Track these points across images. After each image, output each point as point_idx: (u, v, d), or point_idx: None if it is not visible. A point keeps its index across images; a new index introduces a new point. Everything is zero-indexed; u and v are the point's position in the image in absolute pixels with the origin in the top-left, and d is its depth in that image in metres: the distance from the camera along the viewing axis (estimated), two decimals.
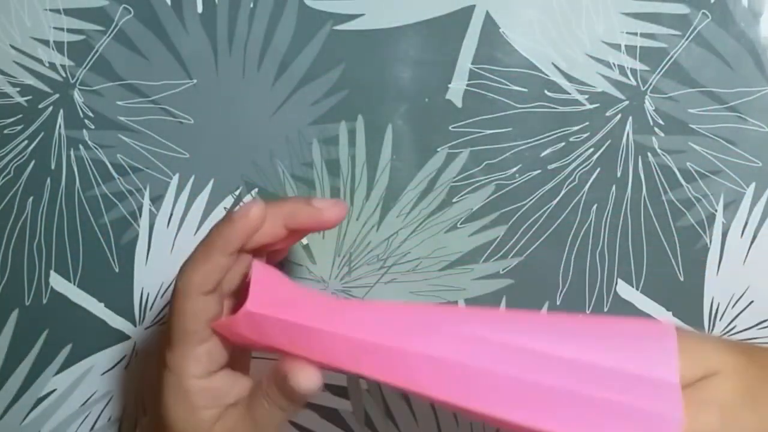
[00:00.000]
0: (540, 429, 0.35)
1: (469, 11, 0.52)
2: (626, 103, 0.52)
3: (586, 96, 0.52)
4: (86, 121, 0.55)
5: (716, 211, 0.52)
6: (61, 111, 0.55)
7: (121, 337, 0.56)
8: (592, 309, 0.53)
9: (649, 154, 0.52)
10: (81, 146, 0.55)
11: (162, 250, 0.56)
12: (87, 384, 0.57)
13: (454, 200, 0.53)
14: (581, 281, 0.53)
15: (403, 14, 0.52)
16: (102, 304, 0.56)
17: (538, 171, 0.53)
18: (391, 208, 0.54)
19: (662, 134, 0.52)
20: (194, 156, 0.55)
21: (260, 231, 0.41)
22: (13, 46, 0.55)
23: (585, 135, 0.52)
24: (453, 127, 0.53)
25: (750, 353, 0.36)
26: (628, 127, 0.52)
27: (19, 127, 0.55)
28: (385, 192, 0.54)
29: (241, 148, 0.54)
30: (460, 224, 0.53)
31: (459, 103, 0.53)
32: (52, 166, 0.56)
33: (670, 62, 0.51)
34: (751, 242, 0.52)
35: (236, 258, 0.41)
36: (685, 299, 0.52)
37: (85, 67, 0.55)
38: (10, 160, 0.56)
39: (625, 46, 0.51)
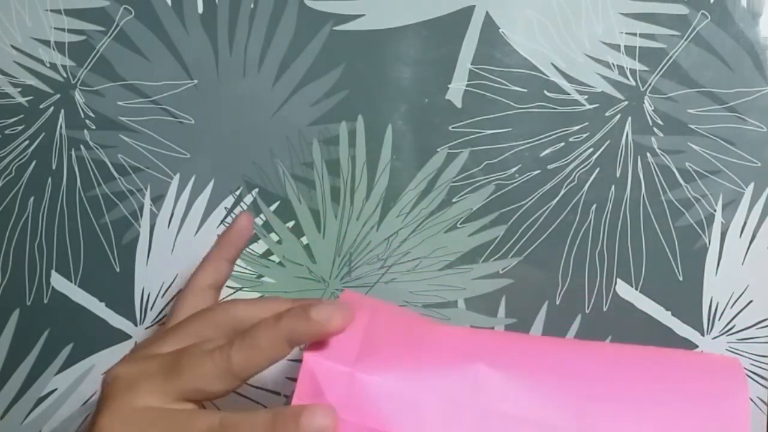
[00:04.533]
0: None
1: (469, 11, 0.52)
2: (625, 103, 0.52)
3: (586, 96, 0.52)
4: (87, 121, 0.55)
5: (715, 211, 0.52)
6: (62, 111, 0.55)
7: (121, 336, 0.56)
8: (591, 308, 0.53)
9: (648, 154, 0.52)
10: (82, 146, 0.55)
11: (163, 250, 0.56)
12: (88, 383, 0.57)
13: (454, 200, 0.54)
14: (581, 281, 0.53)
15: (403, 14, 0.52)
16: (103, 304, 0.56)
17: (538, 171, 0.53)
18: (391, 208, 0.54)
19: (661, 134, 0.52)
20: (195, 156, 0.55)
21: (267, 357, 0.38)
22: (14, 47, 0.55)
23: (584, 135, 0.52)
24: (453, 127, 0.53)
25: None
26: (628, 128, 0.52)
27: (21, 128, 0.56)
28: (385, 192, 0.54)
29: (241, 148, 0.54)
30: (460, 224, 0.54)
31: (459, 103, 0.53)
32: (53, 167, 0.56)
33: (669, 62, 0.51)
34: (750, 242, 0.52)
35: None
36: (684, 299, 0.52)
37: (86, 68, 0.55)
38: (11, 160, 0.56)
39: (625, 46, 0.51)
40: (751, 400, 0.53)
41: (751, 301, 0.52)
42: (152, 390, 0.38)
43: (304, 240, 0.55)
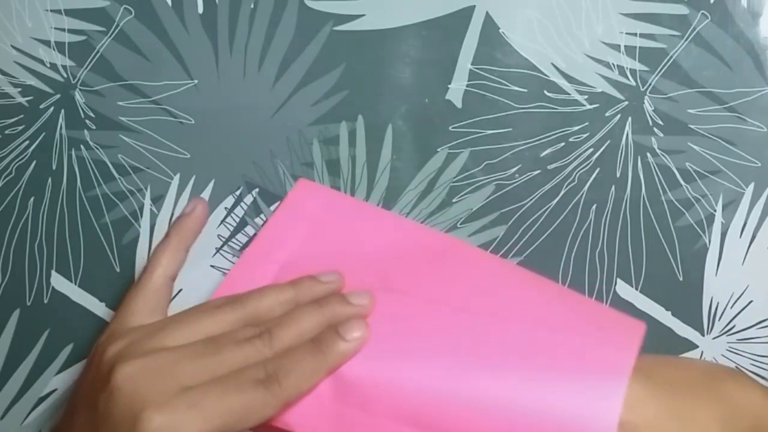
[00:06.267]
0: None
1: (469, 11, 0.52)
2: (626, 103, 0.52)
3: (586, 96, 0.52)
4: (87, 121, 0.55)
5: (715, 211, 0.52)
6: (63, 111, 0.55)
7: None
8: None
9: (648, 155, 0.52)
10: (82, 146, 0.55)
11: None
12: None
13: (454, 200, 0.54)
14: (581, 281, 0.53)
15: (403, 14, 0.52)
16: (103, 304, 0.56)
17: (538, 171, 0.53)
18: (391, 208, 0.54)
19: (661, 134, 0.52)
20: (195, 156, 0.55)
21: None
22: (14, 47, 0.55)
23: (584, 135, 0.52)
24: (453, 127, 0.53)
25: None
26: (628, 128, 0.52)
27: (21, 128, 0.56)
28: (386, 192, 0.54)
29: (241, 148, 0.54)
30: (460, 224, 0.54)
31: (459, 104, 0.53)
32: (54, 167, 0.56)
33: (669, 63, 0.51)
34: (750, 242, 0.52)
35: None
36: (684, 299, 0.52)
37: (86, 68, 0.55)
38: (11, 160, 0.56)
39: (625, 46, 0.51)
40: None
41: (751, 302, 0.52)
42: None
43: None
